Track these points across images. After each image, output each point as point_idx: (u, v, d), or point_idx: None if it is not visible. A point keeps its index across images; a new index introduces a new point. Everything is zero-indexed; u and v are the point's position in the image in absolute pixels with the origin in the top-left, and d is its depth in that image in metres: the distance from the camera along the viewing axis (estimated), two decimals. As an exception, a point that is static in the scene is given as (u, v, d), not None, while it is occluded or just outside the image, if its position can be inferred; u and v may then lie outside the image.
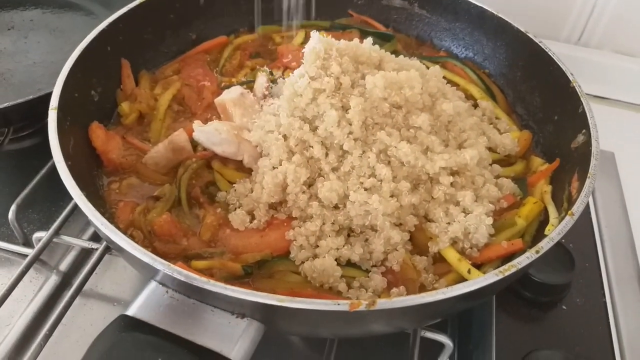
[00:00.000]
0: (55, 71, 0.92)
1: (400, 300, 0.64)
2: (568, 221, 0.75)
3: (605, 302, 1.01)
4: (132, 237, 0.84)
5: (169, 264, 0.66)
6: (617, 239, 1.14)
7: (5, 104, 1.06)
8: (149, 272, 0.70)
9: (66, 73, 0.91)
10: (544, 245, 0.71)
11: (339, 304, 0.62)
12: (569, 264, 0.99)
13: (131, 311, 0.67)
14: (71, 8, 1.52)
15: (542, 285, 0.97)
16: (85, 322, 0.95)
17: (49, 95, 0.88)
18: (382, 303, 0.63)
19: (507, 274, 0.68)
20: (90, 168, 0.93)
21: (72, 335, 0.93)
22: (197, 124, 0.94)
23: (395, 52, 1.13)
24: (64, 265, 1.04)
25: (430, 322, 0.87)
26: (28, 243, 1.05)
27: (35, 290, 1.00)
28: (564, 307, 0.99)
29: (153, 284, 0.70)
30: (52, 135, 0.82)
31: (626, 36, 1.49)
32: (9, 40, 1.39)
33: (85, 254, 1.06)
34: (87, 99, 0.99)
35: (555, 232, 0.73)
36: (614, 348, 0.94)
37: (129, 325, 0.66)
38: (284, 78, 1.07)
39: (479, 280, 0.67)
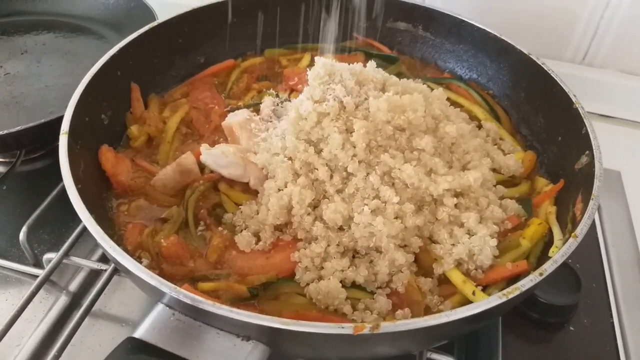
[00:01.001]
0: (67, 94, 0.93)
1: (404, 323, 0.64)
2: (571, 243, 0.75)
3: (612, 323, 1.00)
4: (139, 259, 0.85)
5: (175, 286, 0.67)
6: (624, 258, 1.13)
7: (18, 128, 1.08)
8: (155, 295, 0.71)
9: (77, 98, 0.94)
10: (548, 267, 0.72)
11: (343, 327, 0.63)
12: (575, 285, 0.99)
13: (138, 333, 0.68)
14: (82, 32, 1.56)
15: (549, 307, 0.97)
16: (94, 342, 0.96)
17: (60, 119, 0.90)
18: (386, 326, 0.63)
19: (510, 296, 0.68)
20: (100, 190, 0.95)
21: (81, 356, 0.94)
22: (204, 147, 0.96)
23: (400, 74, 1.14)
24: (73, 286, 1.05)
25: (436, 344, 0.87)
26: (38, 264, 1.06)
27: (45, 310, 1.01)
28: (571, 328, 0.99)
29: (160, 307, 0.71)
30: (63, 160, 0.83)
31: (630, 56, 1.50)
32: (23, 64, 1.43)
33: (94, 274, 1.07)
34: (97, 123, 1.02)
35: (558, 254, 0.73)
36: (622, 369, 0.93)
37: (136, 347, 0.67)
38: (290, 100, 1.09)
39: (482, 303, 0.67)
